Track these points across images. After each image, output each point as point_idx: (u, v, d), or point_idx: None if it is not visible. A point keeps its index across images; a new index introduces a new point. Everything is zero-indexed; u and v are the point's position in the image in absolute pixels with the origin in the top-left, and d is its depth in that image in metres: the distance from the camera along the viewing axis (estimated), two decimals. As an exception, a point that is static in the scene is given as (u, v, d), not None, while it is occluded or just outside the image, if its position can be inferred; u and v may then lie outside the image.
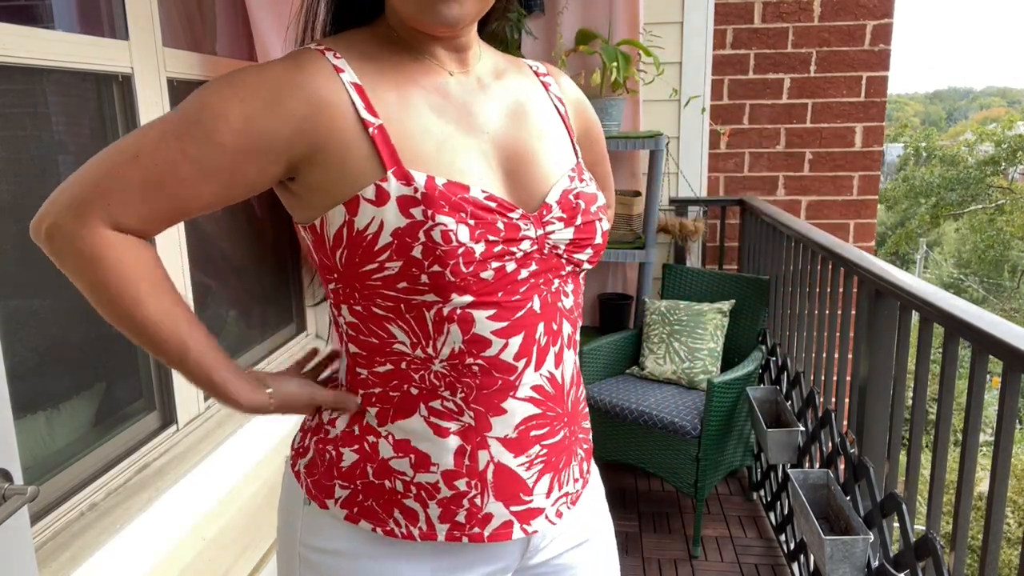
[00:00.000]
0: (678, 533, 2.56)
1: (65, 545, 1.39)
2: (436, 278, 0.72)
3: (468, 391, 0.78)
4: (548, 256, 0.79)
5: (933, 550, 1.38)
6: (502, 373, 0.78)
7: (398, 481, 0.80)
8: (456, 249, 0.71)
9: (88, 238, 0.72)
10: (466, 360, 0.77)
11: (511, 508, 0.82)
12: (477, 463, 0.80)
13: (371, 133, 0.73)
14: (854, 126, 3.23)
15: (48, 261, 0.76)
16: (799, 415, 2.21)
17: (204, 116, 0.72)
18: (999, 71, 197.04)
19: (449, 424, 0.79)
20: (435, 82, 0.80)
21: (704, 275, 2.89)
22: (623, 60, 2.72)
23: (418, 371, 0.78)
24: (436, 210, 0.71)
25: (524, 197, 0.80)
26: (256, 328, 2.33)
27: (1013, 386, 1.22)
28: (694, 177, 3.22)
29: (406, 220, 0.71)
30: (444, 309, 0.75)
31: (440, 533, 0.81)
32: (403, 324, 0.77)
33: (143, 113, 1.69)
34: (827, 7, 3.13)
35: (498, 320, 0.77)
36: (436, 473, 0.80)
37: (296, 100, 0.72)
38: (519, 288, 0.77)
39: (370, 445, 0.81)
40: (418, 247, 0.71)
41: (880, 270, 1.72)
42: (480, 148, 0.79)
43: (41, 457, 1.46)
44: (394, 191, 0.72)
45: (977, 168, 19.52)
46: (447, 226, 0.71)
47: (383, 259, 0.72)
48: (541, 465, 0.83)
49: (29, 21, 1.47)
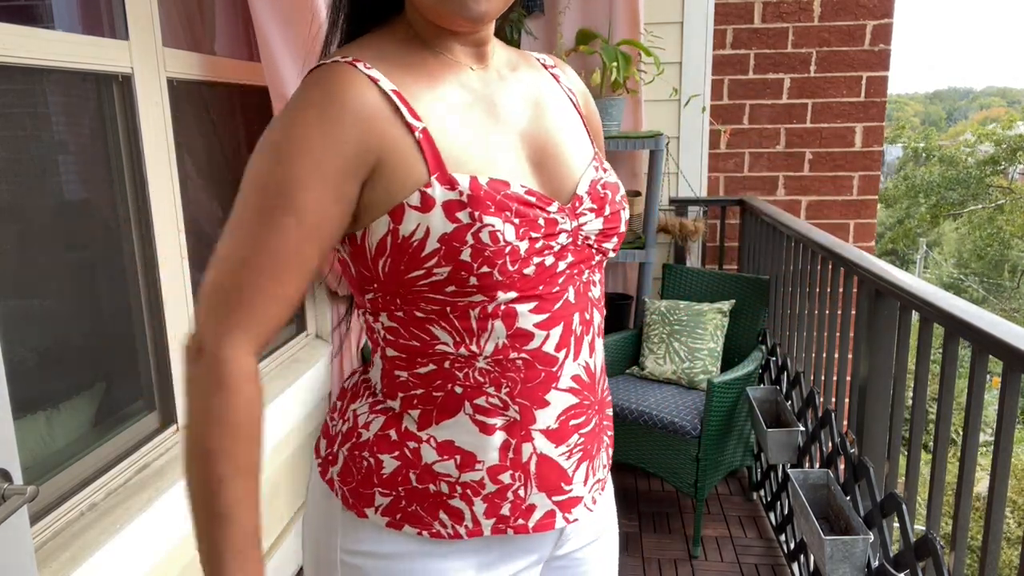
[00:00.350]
0: (678, 533, 2.56)
1: (65, 545, 1.39)
2: (484, 278, 0.72)
3: (513, 385, 0.79)
4: (581, 247, 0.80)
5: (933, 550, 1.38)
6: (545, 365, 0.79)
7: (443, 483, 0.80)
8: (503, 248, 0.72)
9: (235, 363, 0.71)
10: (510, 354, 0.77)
11: (553, 498, 0.83)
12: (521, 455, 0.80)
13: (417, 138, 0.73)
14: (854, 126, 3.23)
15: (48, 261, 0.76)
16: (799, 415, 2.21)
17: (282, 188, 0.71)
18: (999, 71, 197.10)
19: (495, 420, 0.79)
20: (460, 79, 0.80)
21: (704, 275, 2.89)
22: (623, 60, 2.72)
23: (462, 369, 0.78)
24: (483, 211, 0.71)
25: (555, 189, 0.80)
26: (256, 328, 2.33)
27: (1013, 386, 1.22)
28: (694, 177, 3.22)
29: (453, 225, 0.71)
30: (488, 306, 0.75)
31: (486, 528, 0.81)
32: (446, 325, 0.77)
33: (143, 113, 1.69)
34: (827, 7, 3.13)
35: (539, 312, 0.77)
36: (481, 470, 0.80)
37: (347, 124, 0.71)
38: (557, 280, 0.78)
39: (411, 451, 0.80)
40: (467, 250, 0.71)
41: (880, 270, 1.72)
42: (510, 141, 0.80)
43: (41, 457, 1.46)
44: (439, 196, 0.71)
45: (977, 168, 19.52)
46: (494, 226, 0.71)
47: (430, 265, 0.72)
48: (580, 454, 0.84)
49: (29, 21, 1.47)
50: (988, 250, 19.16)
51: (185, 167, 1.90)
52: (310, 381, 2.41)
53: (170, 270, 1.79)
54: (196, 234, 1.95)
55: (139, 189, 1.71)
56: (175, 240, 1.81)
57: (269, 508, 2.16)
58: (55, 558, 1.35)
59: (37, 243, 1.44)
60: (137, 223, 1.71)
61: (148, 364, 1.77)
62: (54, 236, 1.48)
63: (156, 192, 1.74)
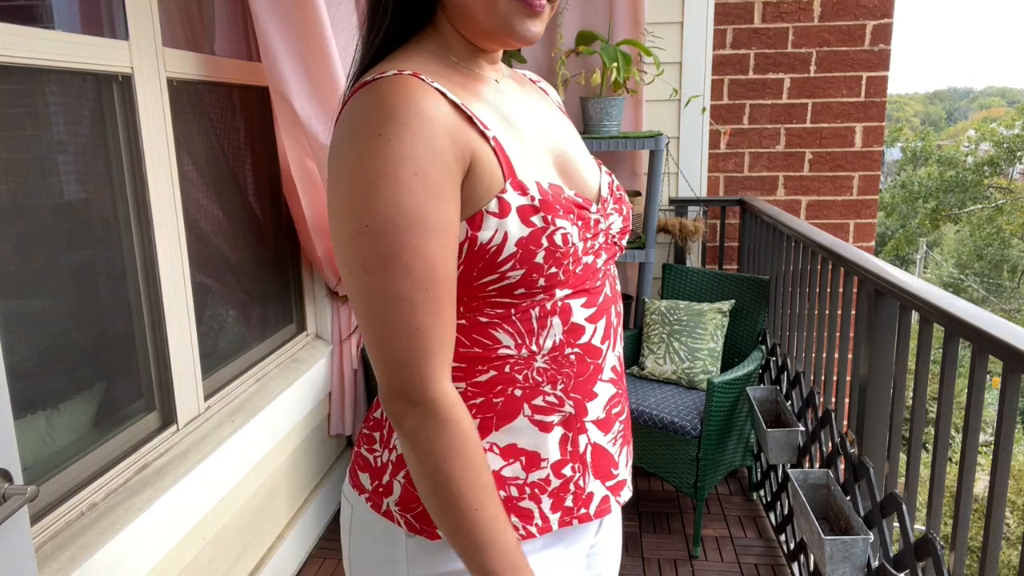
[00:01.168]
0: (678, 533, 2.56)
1: (65, 545, 1.39)
2: (551, 278, 0.75)
3: (567, 381, 0.81)
4: (610, 244, 0.85)
5: (933, 550, 1.38)
6: (593, 358, 0.83)
7: (512, 487, 0.81)
8: (570, 250, 0.75)
9: (445, 399, 0.72)
10: (565, 350, 0.80)
11: (607, 483, 0.86)
12: (578, 447, 0.83)
13: (492, 145, 0.74)
14: (854, 126, 3.23)
15: (47, 261, 0.76)
16: (799, 415, 2.21)
17: (410, 215, 0.68)
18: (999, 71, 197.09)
19: (552, 417, 0.81)
20: (490, 91, 0.82)
21: (704, 275, 2.89)
22: (623, 60, 2.72)
23: (521, 371, 0.79)
24: (554, 215, 0.74)
25: (582, 192, 0.84)
26: (256, 328, 2.33)
27: (1013, 386, 1.22)
28: (694, 177, 3.22)
29: (528, 229, 0.73)
30: (547, 304, 0.78)
31: (554, 523, 0.83)
32: (509, 327, 0.78)
33: (143, 113, 1.69)
34: (827, 7, 3.13)
35: (589, 306, 0.81)
36: (547, 468, 0.81)
37: (439, 133, 0.70)
38: (599, 275, 0.83)
39: None
40: (541, 252, 0.73)
41: (880, 270, 1.72)
42: (541, 150, 0.82)
43: (41, 457, 1.46)
44: (514, 201, 0.73)
45: (975, 170, 19.52)
46: (565, 229, 0.75)
47: (505, 269, 0.74)
48: (621, 439, 0.89)
49: (29, 21, 1.47)
50: (988, 250, 19.16)
51: (185, 167, 1.90)
52: (310, 381, 2.41)
53: (170, 270, 1.79)
54: (196, 234, 1.95)
55: (139, 189, 1.71)
56: (175, 240, 1.81)
57: (269, 508, 2.16)
58: (55, 558, 1.35)
59: (37, 243, 1.44)
60: (137, 223, 1.71)
61: (148, 364, 1.77)
62: (54, 236, 1.48)
63: (156, 192, 1.74)
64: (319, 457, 2.55)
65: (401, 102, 0.69)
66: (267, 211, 2.39)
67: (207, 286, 2.05)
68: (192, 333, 1.87)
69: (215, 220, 2.09)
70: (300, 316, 2.61)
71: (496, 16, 0.75)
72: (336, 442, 2.71)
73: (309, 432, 2.44)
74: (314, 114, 2.09)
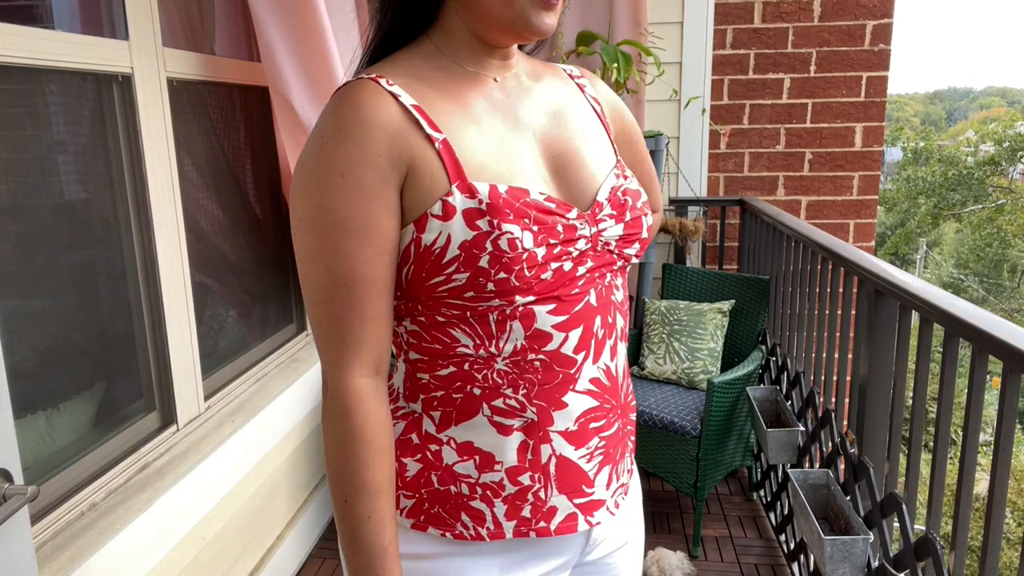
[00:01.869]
0: (678, 533, 2.56)
1: (65, 545, 1.39)
2: (502, 284, 0.74)
3: (530, 387, 0.80)
4: (601, 252, 0.82)
5: (933, 550, 1.38)
6: (563, 367, 0.80)
7: (463, 485, 0.81)
8: (521, 255, 0.73)
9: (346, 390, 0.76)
10: (528, 356, 0.79)
11: (575, 500, 0.83)
12: (540, 457, 0.81)
13: (437, 148, 0.75)
14: (854, 126, 3.23)
15: (47, 261, 0.77)
16: (799, 415, 2.21)
17: (334, 215, 0.73)
18: (999, 71, 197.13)
19: (512, 421, 0.80)
20: (481, 90, 0.82)
21: (704, 275, 2.89)
22: (623, 60, 2.72)
23: (481, 371, 0.79)
24: (501, 219, 0.73)
25: (575, 195, 0.82)
26: (256, 328, 2.33)
27: (1013, 386, 1.22)
28: (694, 177, 3.22)
29: (472, 232, 0.73)
30: (507, 309, 0.77)
31: (508, 531, 0.82)
32: (466, 328, 0.78)
33: (143, 113, 1.69)
34: (827, 7, 3.13)
35: (558, 314, 0.79)
36: (500, 471, 0.81)
37: (376, 137, 0.73)
38: (577, 283, 0.80)
39: (432, 453, 0.82)
40: (485, 257, 0.73)
41: (880, 270, 1.72)
42: (528, 147, 0.81)
43: (41, 457, 1.46)
44: (459, 204, 0.73)
45: (977, 168, 19.53)
46: (513, 234, 0.73)
47: (451, 271, 0.74)
48: (601, 457, 0.85)
49: (29, 21, 1.47)
50: (988, 250, 19.16)
51: (185, 167, 1.90)
52: (310, 381, 2.41)
53: (170, 270, 1.79)
54: (196, 234, 1.95)
55: (139, 189, 1.71)
56: (175, 240, 1.81)
57: (269, 508, 2.16)
58: (55, 558, 1.35)
59: (38, 243, 1.44)
60: (137, 223, 1.71)
61: (148, 364, 1.77)
62: (54, 236, 1.48)
63: (156, 192, 1.74)
64: (319, 457, 2.55)
65: (347, 107, 0.74)
66: (267, 211, 2.39)
67: (207, 286, 2.05)
68: (192, 333, 1.87)
69: (215, 220, 2.09)
70: (300, 316, 2.61)
71: (513, 9, 0.76)
72: (336, 442, 2.70)
73: (309, 432, 2.44)
74: (313, 114, 2.09)
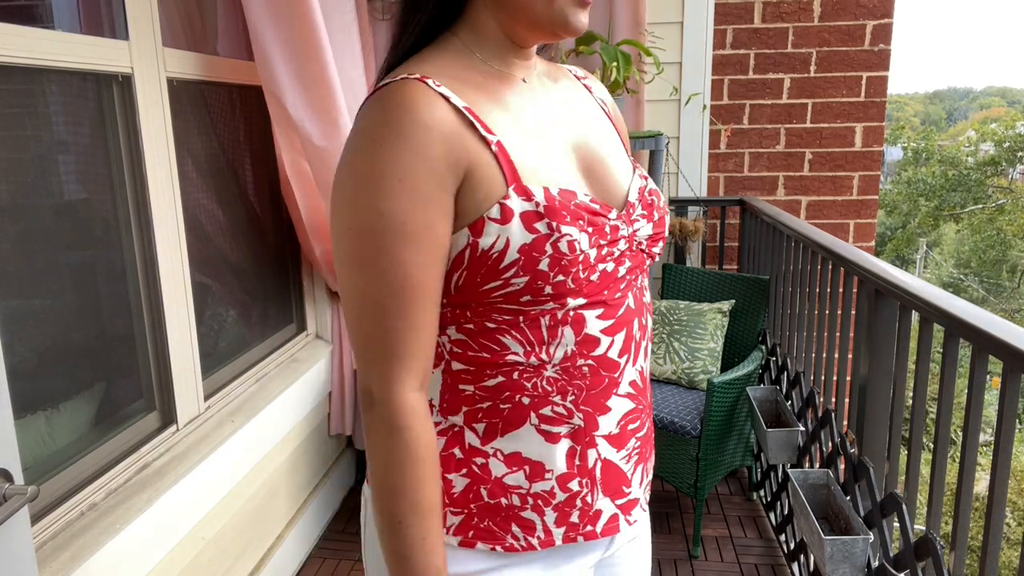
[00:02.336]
0: (678, 533, 2.56)
1: (65, 545, 1.39)
2: (559, 287, 0.74)
3: (578, 393, 0.79)
4: (636, 252, 0.82)
5: (933, 550, 1.38)
6: (608, 371, 0.81)
7: (514, 496, 0.80)
8: (578, 257, 0.73)
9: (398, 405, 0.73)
10: (577, 361, 0.79)
11: (616, 501, 0.84)
12: (587, 462, 0.81)
13: (494, 151, 0.73)
14: (854, 126, 3.23)
15: (47, 261, 0.76)
16: (799, 415, 2.21)
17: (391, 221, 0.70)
18: (999, 71, 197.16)
19: (559, 428, 0.80)
20: (514, 90, 0.81)
21: (704, 275, 2.89)
22: (623, 60, 2.72)
23: (530, 379, 0.78)
24: (560, 221, 0.73)
25: (608, 197, 0.81)
26: (256, 328, 2.33)
27: (1013, 386, 1.22)
28: (694, 177, 3.22)
29: (531, 235, 0.72)
30: (559, 313, 0.76)
31: (557, 538, 0.82)
32: (518, 334, 0.77)
33: (143, 113, 1.69)
34: (827, 7, 3.13)
35: (605, 319, 0.79)
36: (551, 479, 0.80)
37: (433, 140, 0.70)
38: (619, 286, 0.80)
39: (479, 467, 0.80)
40: (545, 260, 0.72)
41: (880, 270, 1.72)
42: (562, 149, 0.81)
43: (41, 457, 1.46)
44: (517, 207, 0.72)
45: (977, 169, 19.53)
46: (572, 236, 0.73)
47: (509, 275, 0.73)
48: (636, 457, 0.86)
49: (29, 21, 1.47)
50: (988, 250, 19.16)
51: (185, 167, 1.90)
52: (310, 381, 2.41)
53: (170, 270, 1.79)
54: (196, 234, 1.95)
55: (139, 189, 1.71)
56: (175, 240, 1.81)
57: (269, 508, 2.16)
58: (55, 558, 1.35)
59: (38, 243, 1.44)
60: (137, 223, 1.71)
61: (148, 364, 1.77)
62: (54, 236, 1.48)
63: (156, 192, 1.74)
64: (319, 457, 2.55)
65: (399, 109, 0.70)
66: (267, 211, 2.39)
67: (207, 286, 2.05)
68: (192, 333, 1.87)
69: (215, 220, 2.09)
70: (300, 316, 2.61)
71: (554, 8, 0.75)
72: (336, 442, 2.71)
73: (309, 432, 2.44)
74: (307, 115, 2.08)
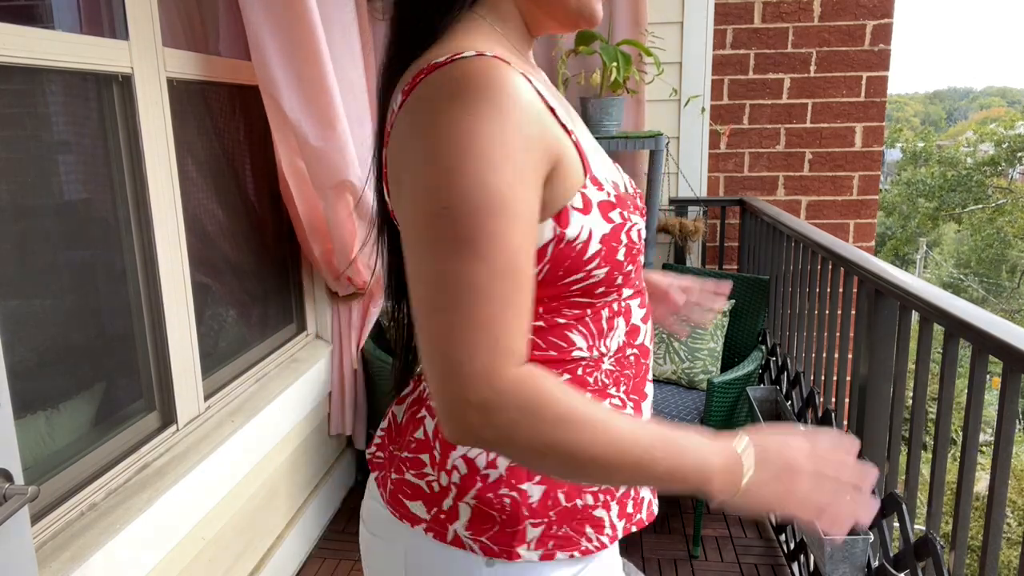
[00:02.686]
0: (678, 533, 2.56)
1: (65, 545, 1.39)
2: (626, 277, 0.74)
3: (627, 382, 0.80)
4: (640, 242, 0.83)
5: (933, 550, 1.38)
6: (646, 358, 0.83)
7: (587, 495, 0.78)
8: (641, 246, 0.74)
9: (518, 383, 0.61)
10: (626, 351, 0.79)
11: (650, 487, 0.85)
12: None
13: (574, 140, 0.69)
14: (854, 126, 3.23)
15: (47, 261, 0.76)
16: (799, 415, 2.21)
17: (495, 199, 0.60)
18: (999, 71, 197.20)
19: None
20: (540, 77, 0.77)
21: (704, 275, 2.88)
22: (623, 60, 2.72)
23: (592, 373, 0.77)
24: (628, 210, 0.72)
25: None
26: (256, 328, 2.33)
27: (1013, 386, 1.22)
28: (694, 177, 3.22)
29: (609, 225, 0.70)
30: (614, 304, 0.76)
31: (620, 531, 0.81)
32: (584, 328, 0.76)
33: (143, 113, 1.69)
34: (827, 7, 3.13)
35: (642, 307, 0.81)
36: None
37: (532, 120, 0.64)
38: (640, 275, 0.82)
39: None
40: (622, 249, 0.71)
41: (880, 270, 1.72)
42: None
43: (41, 457, 1.46)
44: (594, 197, 0.70)
45: (977, 169, 19.54)
46: (639, 224, 0.73)
47: (592, 267, 0.70)
48: None
49: (29, 21, 1.47)
50: (988, 250, 19.17)
51: (185, 167, 1.90)
52: (310, 381, 2.41)
53: (170, 270, 1.79)
54: (196, 234, 1.95)
55: (139, 189, 1.71)
56: (175, 240, 1.81)
57: (269, 508, 2.16)
58: (55, 558, 1.35)
59: (38, 243, 1.44)
60: (137, 223, 1.71)
61: (148, 364, 1.77)
62: (54, 236, 1.48)
63: (156, 192, 1.74)
64: (319, 457, 2.55)
65: (494, 83, 0.62)
66: (267, 210, 2.39)
67: (207, 286, 2.05)
68: (192, 333, 1.87)
69: (215, 220, 2.09)
70: (300, 316, 2.61)
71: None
72: (336, 442, 2.71)
73: (309, 432, 2.44)
74: (303, 116, 2.08)
